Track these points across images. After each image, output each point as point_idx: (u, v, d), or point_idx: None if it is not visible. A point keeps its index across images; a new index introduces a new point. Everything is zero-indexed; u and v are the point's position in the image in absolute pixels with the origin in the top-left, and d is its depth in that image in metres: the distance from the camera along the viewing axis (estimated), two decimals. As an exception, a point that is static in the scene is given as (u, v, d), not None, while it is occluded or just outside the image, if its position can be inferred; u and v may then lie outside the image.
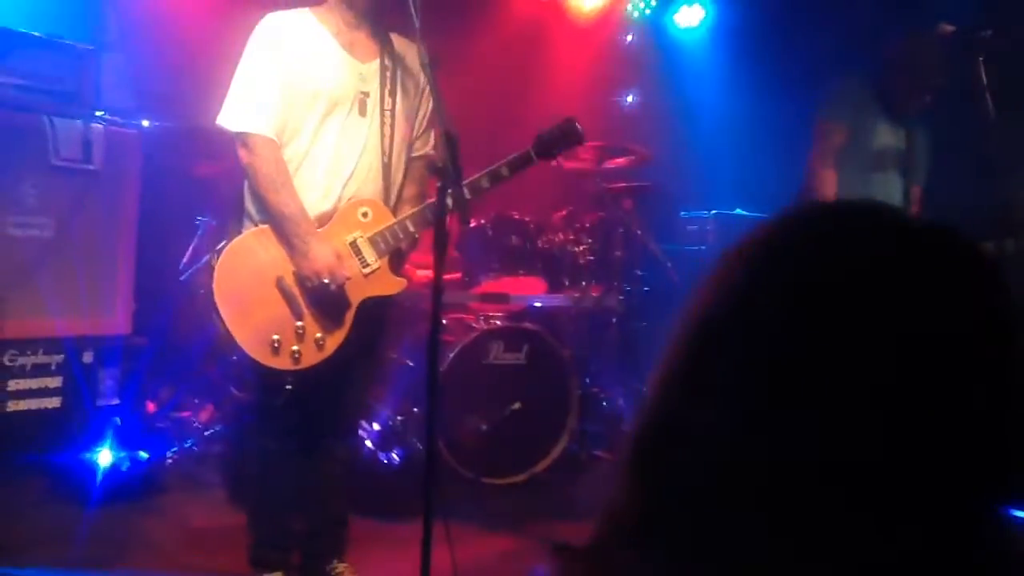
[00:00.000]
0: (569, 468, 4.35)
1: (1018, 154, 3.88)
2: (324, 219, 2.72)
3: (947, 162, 4.13)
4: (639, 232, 4.88)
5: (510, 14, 5.87)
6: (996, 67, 3.55)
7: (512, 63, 5.50)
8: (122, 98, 4.19)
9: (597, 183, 4.90)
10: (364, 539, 3.23)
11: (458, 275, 4.67)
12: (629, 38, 6.34)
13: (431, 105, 2.83)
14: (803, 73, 4.93)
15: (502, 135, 2.87)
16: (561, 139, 2.88)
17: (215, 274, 2.65)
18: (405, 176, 2.89)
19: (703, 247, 5.56)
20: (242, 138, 2.67)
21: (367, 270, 2.73)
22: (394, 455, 4.04)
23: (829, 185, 3.85)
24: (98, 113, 4.01)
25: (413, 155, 2.93)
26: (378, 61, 2.79)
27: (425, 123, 2.95)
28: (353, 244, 2.73)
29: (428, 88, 2.76)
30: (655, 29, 6.49)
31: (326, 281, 2.61)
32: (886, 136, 3.91)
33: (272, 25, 2.71)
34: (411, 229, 2.76)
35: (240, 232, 2.75)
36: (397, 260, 2.85)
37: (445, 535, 2.29)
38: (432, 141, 2.98)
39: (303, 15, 2.77)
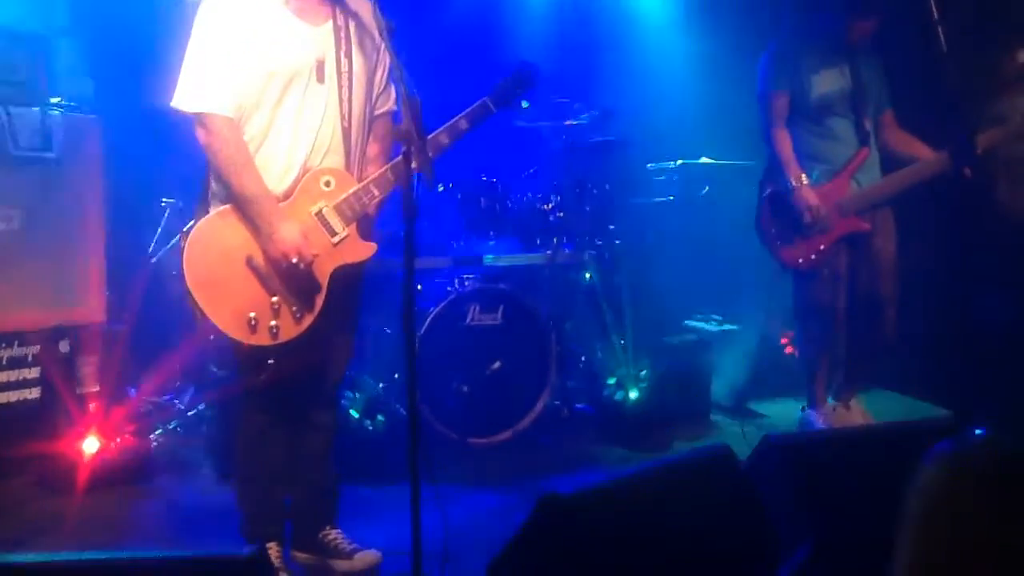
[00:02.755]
0: (552, 423, 4.41)
1: (972, 87, 3.95)
2: (288, 193, 2.70)
3: (900, 96, 4.20)
4: (607, 187, 4.91)
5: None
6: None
7: (470, 23, 5.46)
8: (79, 84, 4.14)
9: (562, 140, 4.91)
10: (355, 505, 3.29)
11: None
12: None
13: (390, 61, 2.81)
14: (763, 19, 4.95)
15: (467, 98, 2.83)
16: (518, 84, 2.85)
17: (184, 258, 2.63)
18: (368, 136, 2.86)
19: (671, 197, 5.59)
20: (200, 119, 2.62)
21: (336, 239, 2.72)
22: (379, 421, 4.08)
23: (786, 144, 4.09)
24: (54, 100, 3.96)
25: (376, 113, 2.91)
26: (331, 23, 2.73)
27: (385, 80, 2.90)
28: (319, 214, 2.70)
29: (385, 47, 2.74)
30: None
31: (295, 261, 2.61)
32: (827, 82, 4.05)
33: (219, 1, 2.64)
34: (376, 192, 2.73)
35: (207, 212, 2.72)
36: (366, 225, 2.84)
37: (434, 496, 2.33)
38: (393, 97, 2.93)
39: None
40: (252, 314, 2.63)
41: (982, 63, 4.15)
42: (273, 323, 2.65)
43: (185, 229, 2.76)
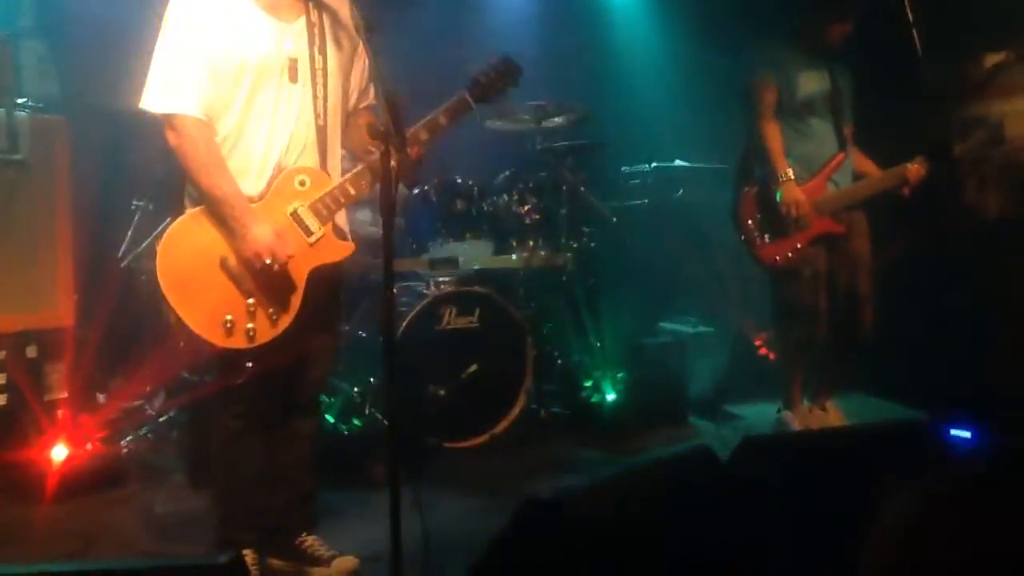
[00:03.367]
0: (529, 426, 4.39)
1: (944, 91, 4.01)
2: (263, 194, 2.66)
3: (879, 99, 4.25)
4: (582, 189, 4.91)
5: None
6: (919, 5, 3.65)
7: (444, 24, 5.44)
8: (45, 85, 4.07)
9: (538, 142, 4.90)
10: (332, 511, 3.25)
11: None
12: None
13: (368, 60, 2.78)
14: (735, 22, 4.97)
15: (443, 96, 2.80)
16: (499, 78, 2.81)
17: (157, 261, 2.57)
18: (343, 133, 2.82)
19: (645, 200, 5.61)
20: (169, 120, 2.58)
21: (312, 239, 2.68)
22: (355, 425, 4.04)
23: (774, 138, 4.07)
24: (21, 101, 3.89)
25: (359, 107, 2.88)
26: (304, 19, 2.68)
27: (364, 77, 2.87)
28: (294, 214, 2.66)
29: (363, 45, 2.71)
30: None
31: (268, 262, 2.57)
32: (810, 83, 4.10)
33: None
34: (351, 191, 2.69)
35: (182, 214, 2.68)
36: (340, 225, 2.80)
37: (414, 500, 2.30)
38: (372, 93, 2.90)
39: None
40: (228, 317, 2.58)
41: (951, 68, 4.20)
42: (249, 326, 2.61)
43: (158, 232, 2.71)
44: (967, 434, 2.38)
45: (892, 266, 4.30)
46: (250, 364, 2.64)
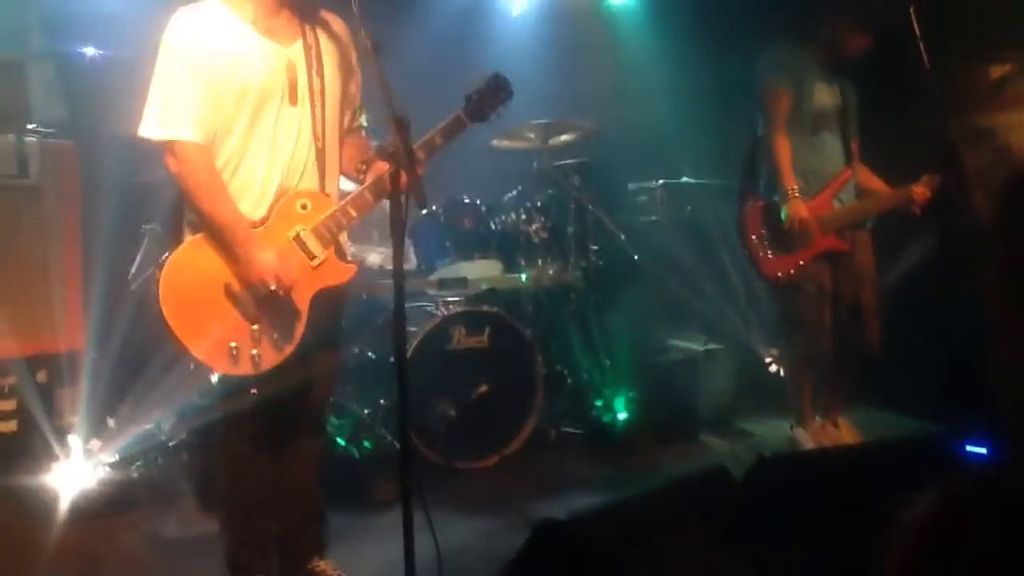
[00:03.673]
0: (540, 446, 4.37)
1: (952, 103, 4.00)
2: (265, 218, 2.65)
3: (887, 112, 4.24)
4: (590, 207, 4.90)
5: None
6: (926, 19, 3.65)
7: (448, 44, 5.45)
8: (55, 110, 4.09)
9: (545, 161, 4.90)
10: (343, 534, 3.23)
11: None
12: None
13: (360, 78, 2.78)
14: (738, 37, 4.98)
15: (441, 116, 2.80)
16: (491, 97, 2.81)
17: (160, 290, 2.55)
18: (341, 153, 2.82)
19: (653, 217, 5.60)
20: (169, 146, 2.57)
21: (315, 262, 2.67)
22: (365, 447, 4.02)
23: (785, 151, 4.02)
24: (30, 126, 3.91)
25: (351, 127, 2.88)
26: (300, 41, 2.68)
27: (359, 98, 2.87)
28: (297, 238, 2.65)
29: (357, 61, 2.73)
30: (590, 5, 6.48)
31: (273, 288, 2.56)
32: (824, 96, 4.07)
33: (183, 24, 2.58)
34: (353, 213, 2.69)
35: (181, 240, 2.66)
36: (343, 246, 2.80)
37: (426, 522, 2.29)
38: (363, 112, 2.91)
39: (213, 7, 2.62)
40: (233, 344, 2.56)
41: (957, 79, 4.20)
42: (255, 352, 2.59)
43: (161, 260, 2.68)
44: (982, 449, 2.36)
45: (898, 279, 4.28)
46: (254, 391, 2.63)
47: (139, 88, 2.66)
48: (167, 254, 2.68)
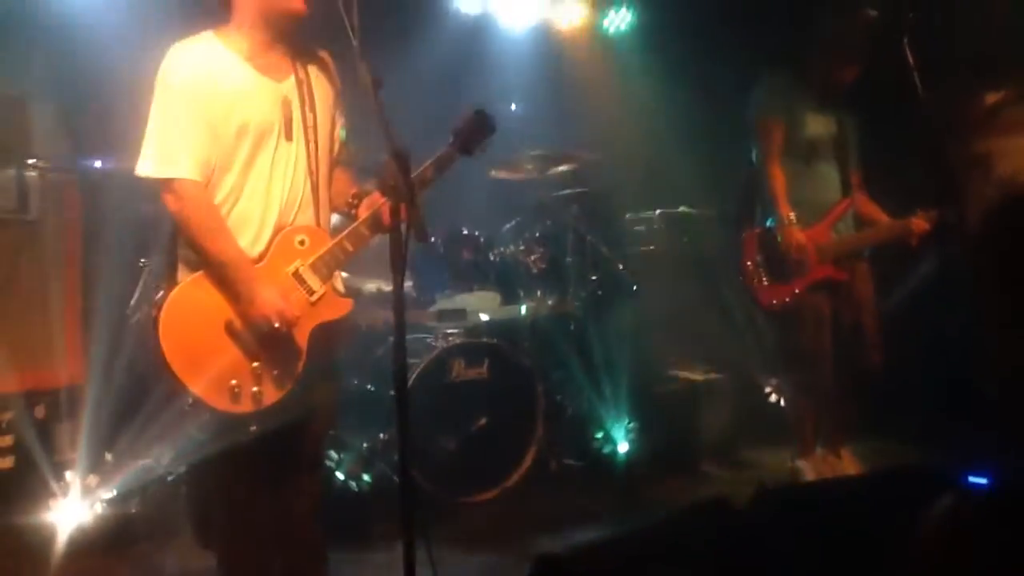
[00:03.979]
0: (540, 478, 4.35)
1: (948, 128, 4.03)
2: (263, 254, 2.64)
3: (883, 141, 4.26)
4: (588, 237, 4.92)
5: (445, 26, 5.90)
6: (919, 48, 3.69)
7: (446, 77, 5.50)
8: (55, 145, 4.10)
9: (543, 191, 4.92)
10: (343, 569, 3.20)
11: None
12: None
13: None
14: (734, 67, 5.02)
15: (438, 147, 2.82)
16: (475, 132, 2.82)
17: (160, 328, 2.52)
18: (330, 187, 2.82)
19: (652, 247, 5.61)
20: (167, 185, 2.55)
21: (313, 297, 2.66)
22: (365, 482, 4.00)
23: (779, 182, 4.05)
24: (31, 161, 3.93)
25: (339, 158, 2.88)
26: (293, 77, 2.69)
27: (343, 130, 2.88)
28: (296, 274, 2.65)
29: (339, 92, 2.75)
30: (586, 35, 6.54)
31: (276, 325, 2.56)
32: (817, 126, 4.10)
33: (180, 60, 2.58)
34: (349, 249, 2.69)
35: (175, 279, 2.64)
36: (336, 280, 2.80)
37: (427, 557, 2.27)
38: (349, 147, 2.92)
39: (208, 43, 2.62)
40: (234, 382, 2.55)
41: (951, 107, 4.23)
42: (255, 389, 2.58)
43: (156, 300, 2.67)
44: (984, 480, 2.35)
45: (898, 306, 4.28)
46: (254, 428, 2.62)
47: (141, 123, 2.67)
48: (161, 292, 2.66)
